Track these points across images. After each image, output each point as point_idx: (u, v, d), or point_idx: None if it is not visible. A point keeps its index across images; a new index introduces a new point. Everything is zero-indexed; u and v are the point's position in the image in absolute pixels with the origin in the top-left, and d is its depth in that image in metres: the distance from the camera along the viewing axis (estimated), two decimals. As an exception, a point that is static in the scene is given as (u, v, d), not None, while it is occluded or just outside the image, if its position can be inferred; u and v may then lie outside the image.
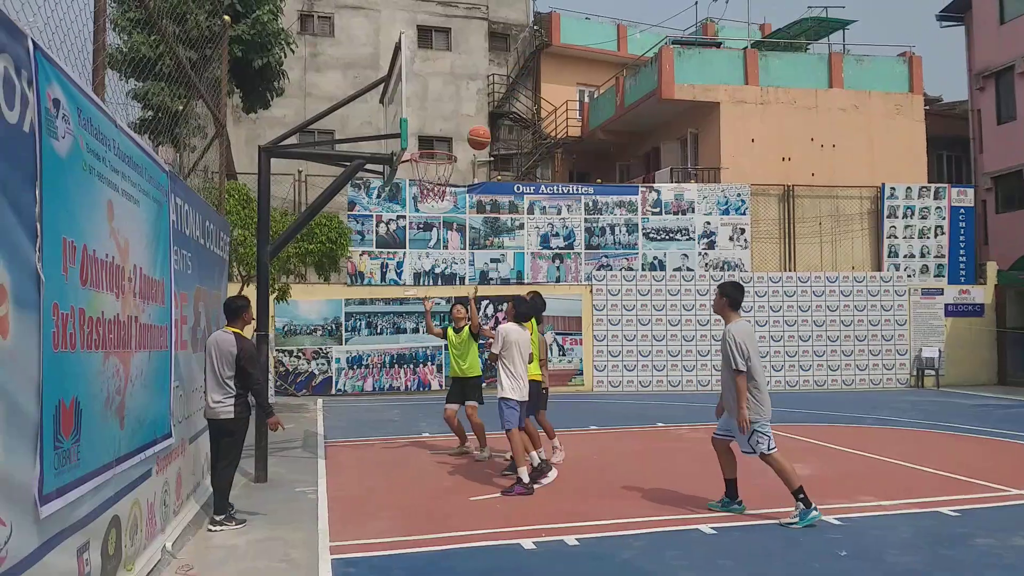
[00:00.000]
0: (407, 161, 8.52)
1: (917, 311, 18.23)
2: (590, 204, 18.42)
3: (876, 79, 21.68)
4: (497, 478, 7.76)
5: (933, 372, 17.73)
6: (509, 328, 7.32)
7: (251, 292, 9.38)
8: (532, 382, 7.62)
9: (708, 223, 18.80)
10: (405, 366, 16.79)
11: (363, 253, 17.28)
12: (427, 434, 10.92)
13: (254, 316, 6.85)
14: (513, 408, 7.17)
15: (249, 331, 6.60)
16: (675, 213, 18.71)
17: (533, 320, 7.98)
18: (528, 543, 5.55)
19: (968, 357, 18.14)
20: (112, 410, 4.01)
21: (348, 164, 8.49)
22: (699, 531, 5.84)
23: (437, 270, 17.68)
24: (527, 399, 7.39)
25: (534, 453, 7.48)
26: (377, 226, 17.47)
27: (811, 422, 11.75)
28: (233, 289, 11.40)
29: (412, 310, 16.92)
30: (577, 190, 18.67)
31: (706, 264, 18.64)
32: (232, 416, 5.94)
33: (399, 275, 17.50)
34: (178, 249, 5.54)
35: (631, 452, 8.87)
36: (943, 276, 19.40)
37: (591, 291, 17.42)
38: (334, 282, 16.85)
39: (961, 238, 19.67)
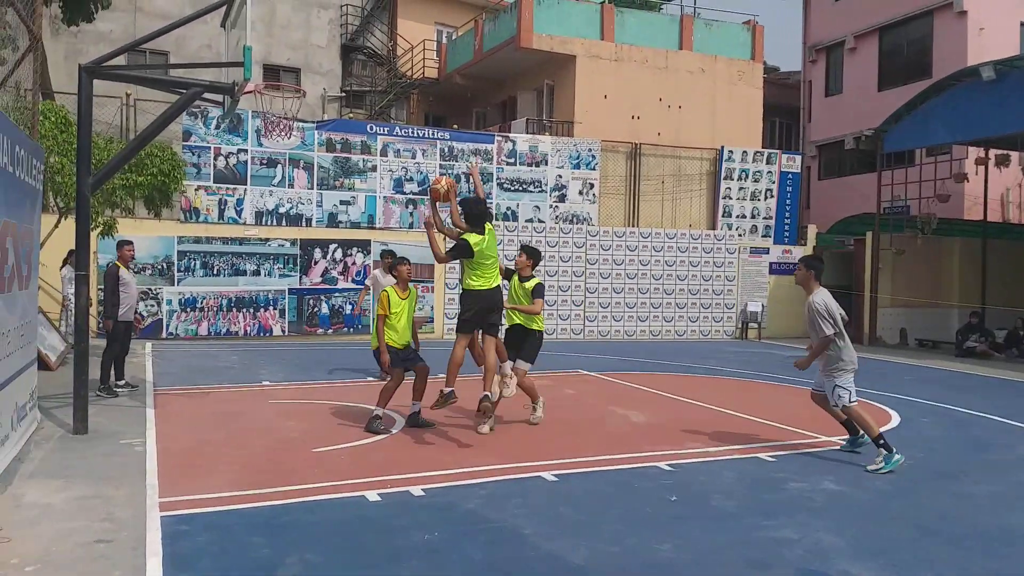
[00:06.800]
0: (250, 92, 7.91)
1: (745, 268, 19.57)
2: (446, 150, 18.14)
3: (722, 44, 22.64)
4: (340, 426, 7.59)
5: (756, 325, 19.20)
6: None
7: (70, 226, 8.51)
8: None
9: (560, 176, 19.09)
10: (244, 310, 15.96)
11: (199, 188, 16.16)
12: (268, 382, 10.50)
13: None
14: None
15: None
16: (529, 164, 18.83)
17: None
18: (373, 495, 5.47)
19: (787, 312, 19.75)
20: None
21: (184, 91, 7.77)
22: (542, 478, 6.00)
23: (282, 209, 16.84)
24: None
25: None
26: (215, 159, 16.33)
27: (647, 371, 12.38)
28: (48, 222, 10.29)
29: (253, 251, 16.05)
30: (433, 134, 18.31)
31: (556, 216, 18.99)
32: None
33: (239, 213, 16.51)
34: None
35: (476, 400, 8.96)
36: (769, 236, 20.92)
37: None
38: (166, 218, 15.67)
39: (787, 202, 21.22)
